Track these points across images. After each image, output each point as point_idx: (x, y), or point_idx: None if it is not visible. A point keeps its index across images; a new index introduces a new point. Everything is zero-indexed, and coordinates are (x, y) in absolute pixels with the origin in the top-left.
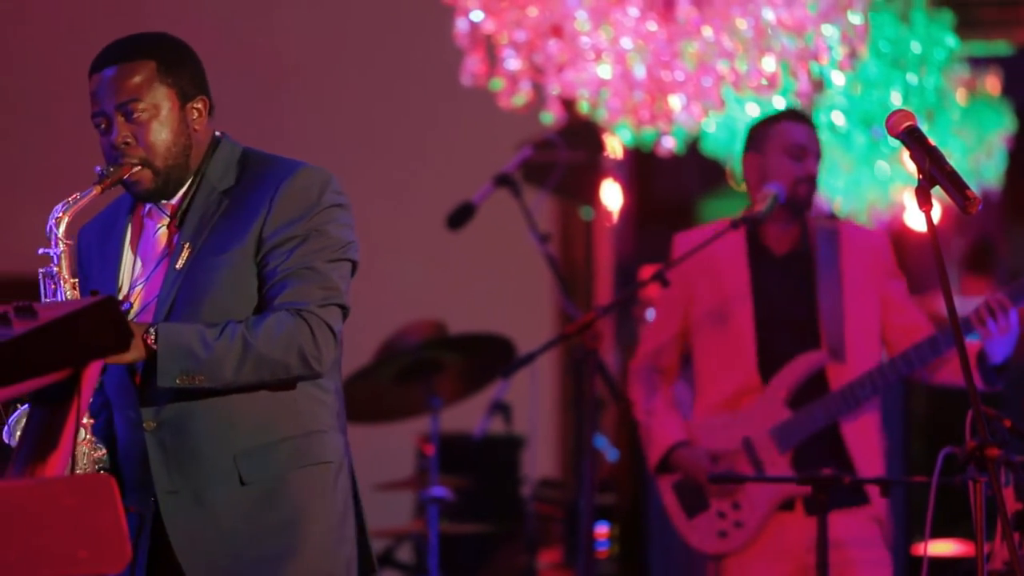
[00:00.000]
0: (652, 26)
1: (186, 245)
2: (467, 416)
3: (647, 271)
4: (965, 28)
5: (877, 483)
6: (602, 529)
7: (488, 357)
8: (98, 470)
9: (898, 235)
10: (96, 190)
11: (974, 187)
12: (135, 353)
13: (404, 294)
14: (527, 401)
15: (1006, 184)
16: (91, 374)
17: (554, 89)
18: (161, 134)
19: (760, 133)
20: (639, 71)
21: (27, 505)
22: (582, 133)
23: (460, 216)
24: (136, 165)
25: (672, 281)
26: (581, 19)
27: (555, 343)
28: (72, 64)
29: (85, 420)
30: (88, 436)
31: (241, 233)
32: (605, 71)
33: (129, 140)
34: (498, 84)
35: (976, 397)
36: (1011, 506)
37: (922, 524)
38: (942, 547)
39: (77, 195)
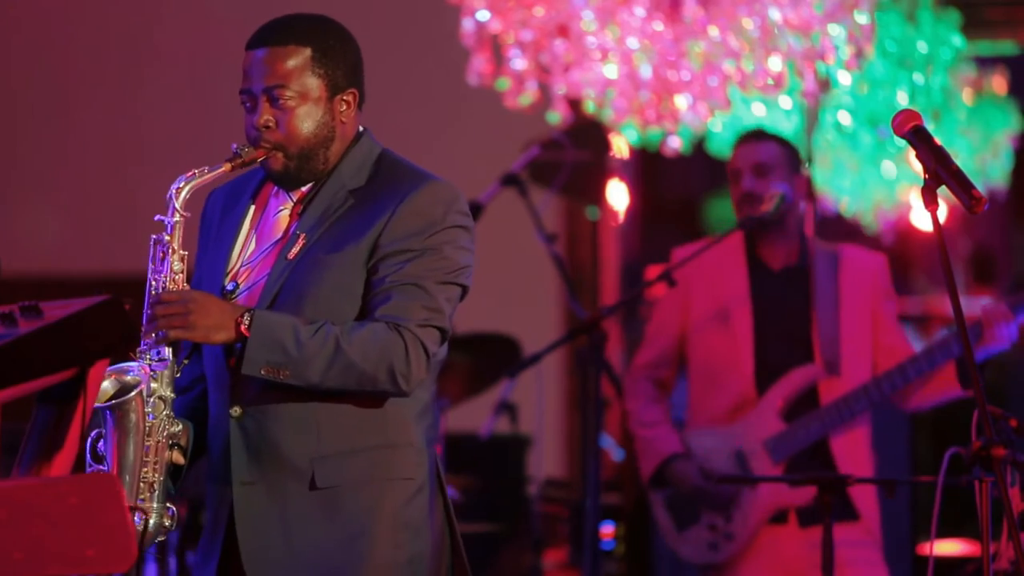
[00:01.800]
0: (658, 26)
1: (302, 236)
2: (473, 416)
3: (653, 271)
4: (972, 28)
5: (883, 483)
6: (608, 529)
7: (494, 357)
8: (171, 445)
9: (904, 235)
10: (225, 167)
11: (980, 187)
12: (226, 335)
13: None
14: (533, 401)
15: (1012, 184)
16: (97, 373)
17: (560, 89)
18: (303, 123)
19: None
20: (645, 71)
21: (33, 504)
22: (588, 133)
23: None
24: (271, 150)
25: (668, 294)
26: (587, 19)
27: (561, 343)
28: (75, 63)
29: (167, 393)
30: (167, 411)
31: (358, 236)
32: (611, 71)
33: (270, 124)
34: (504, 84)
35: (982, 396)
36: (1017, 506)
37: (928, 524)
38: (948, 547)
39: (205, 168)
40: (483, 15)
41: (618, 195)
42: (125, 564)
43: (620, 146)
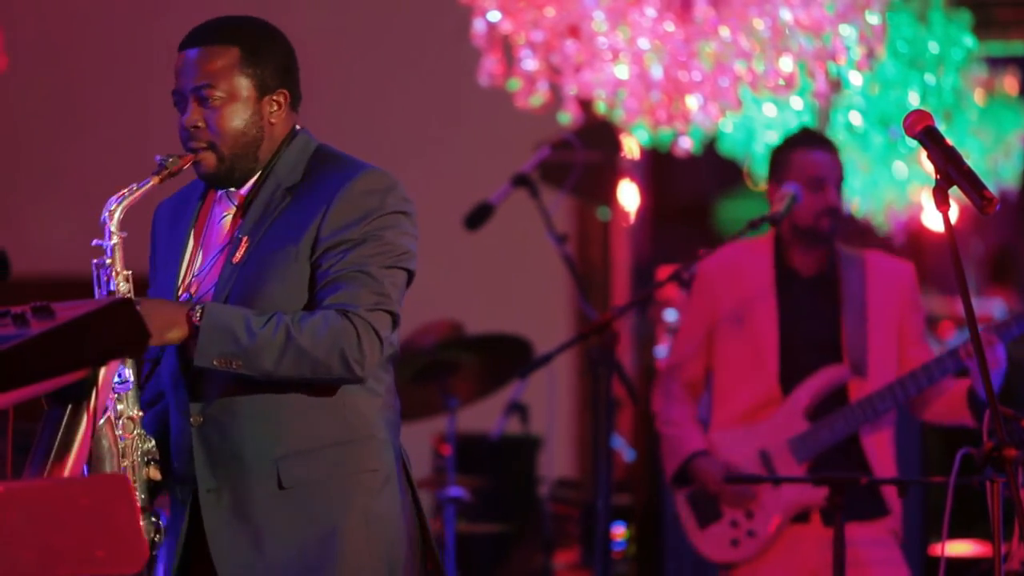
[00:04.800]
0: (669, 26)
1: (244, 239)
2: (484, 416)
3: (664, 271)
4: (983, 28)
5: (894, 483)
6: (619, 529)
7: (505, 357)
8: (147, 462)
9: (916, 235)
10: (154, 180)
11: (992, 187)
12: (179, 331)
13: (421, 294)
14: (544, 401)
15: None
16: (108, 374)
17: (571, 89)
18: (232, 122)
19: (779, 162)
20: (656, 71)
21: (45, 505)
22: (599, 133)
23: (478, 216)
24: (203, 149)
25: (696, 295)
26: (598, 19)
27: (572, 343)
28: (82, 64)
29: (135, 413)
30: (138, 430)
31: (298, 231)
32: (622, 71)
33: (199, 124)
34: (515, 84)
35: (993, 397)
36: None
37: (939, 525)
38: (959, 548)
39: (134, 186)
40: (494, 16)
41: (629, 195)
42: (136, 565)
43: (631, 147)
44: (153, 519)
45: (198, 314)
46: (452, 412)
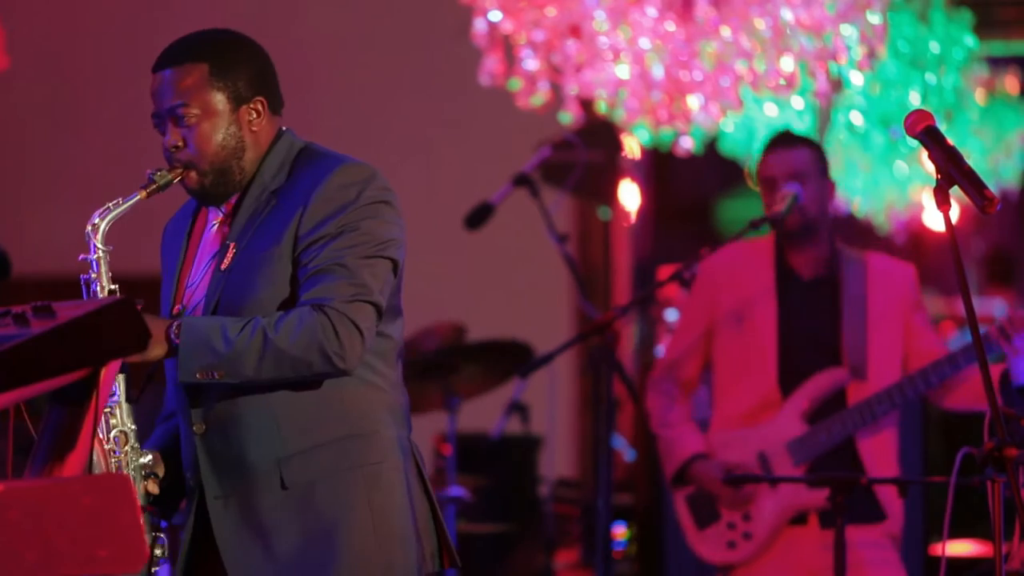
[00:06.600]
0: (670, 26)
1: (231, 245)
2: (485, 416)
3: (665, 271)
4: (984, 28)
5: (895, 483)
6: (619, 529)
7: (506, 357)
8: (146, 476)
9: (917, 235)
10: (141, 195)
11: (992, 187)
12: (161, 349)
13: (422, 294)
14: (544, 401)
15: None
16: (109, 374)
17: (572, 89)
18: (210, 138)
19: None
20: (657, 71)
21: (46, 505)
22: (600, 133)
23: (478, 216)
24: (183, 170)
25: (695, 294)
26: (599, 19)
27: (573, 343)
28: (83, 64)
29: (128, 427)
30: (131, 444)
31: (279, 232)
32: (623, 71)
33: (178, 144)
34: (516, 84)
35: (994, 397)
36: None
37: (940, 524)
38: (960, 547)
39: (120, 200)
40: (495, 15)
41: (630, 195)
42: (137, 564)
43: (632, 146)
44: (155, 534)
45: (175, 331)
46: (453, 411)
